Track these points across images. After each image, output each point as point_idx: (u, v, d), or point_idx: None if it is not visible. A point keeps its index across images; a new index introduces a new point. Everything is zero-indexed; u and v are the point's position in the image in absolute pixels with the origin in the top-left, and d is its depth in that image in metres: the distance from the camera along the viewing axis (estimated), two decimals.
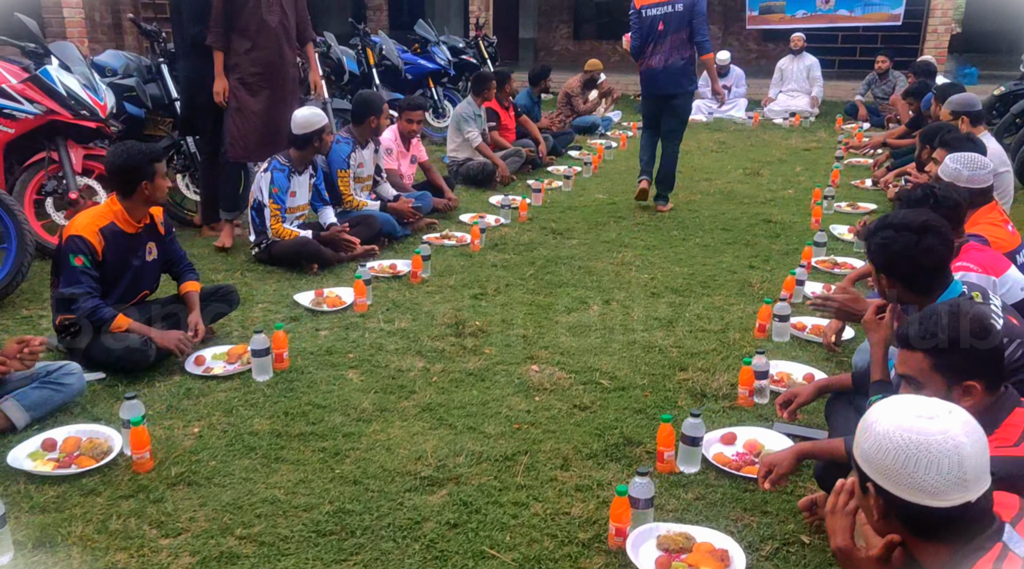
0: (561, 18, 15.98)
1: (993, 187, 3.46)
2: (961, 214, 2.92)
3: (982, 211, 3.40)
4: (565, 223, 5.84)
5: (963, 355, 1.75)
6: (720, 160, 8.43)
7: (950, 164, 3.45)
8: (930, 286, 2.28)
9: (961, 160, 3.42)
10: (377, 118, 5.04)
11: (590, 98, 10.09)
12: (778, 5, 12.32)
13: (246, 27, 4.62)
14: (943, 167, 3.48)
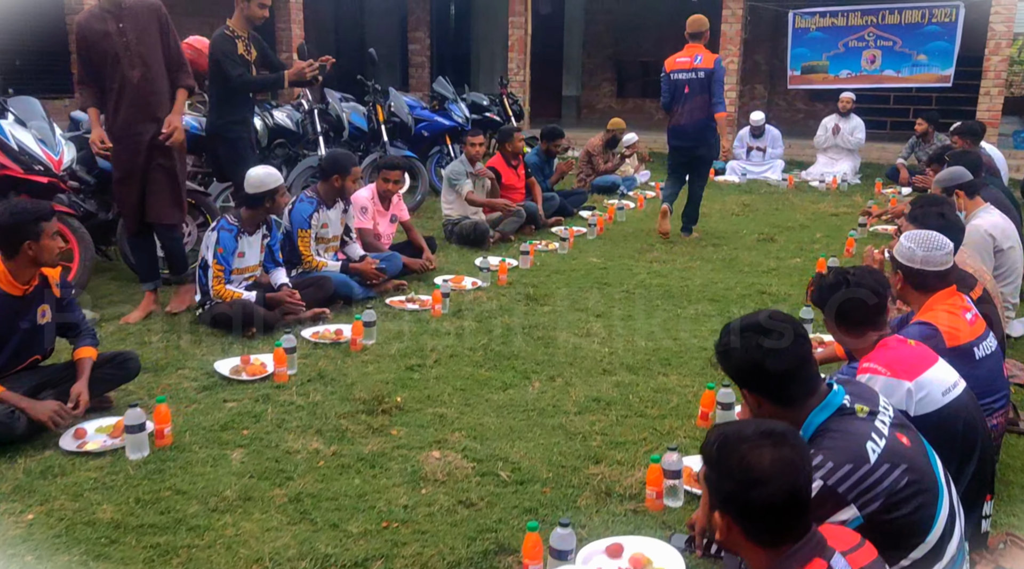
0: (604, 76, 15.94)
1: (951, 271, 3.08)
2: (880, 305, 2.58)
3: (939, 296, 3.03)
4: (545, 288, 5.59)
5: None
6: (738, 224, 8.07)
7: (904, 242, 3.10)
8: (790, 396, 1.96)
9: (916, 239, 3.06)
10: (342, 178, 4.94)
11: (615, 157, 9.88)
12: (821, 65, 11.97)
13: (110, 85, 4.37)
14: (898, 246, 3.13)
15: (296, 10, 11.24)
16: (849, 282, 2.58)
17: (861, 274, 2.62)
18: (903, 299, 3.22)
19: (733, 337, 2.03)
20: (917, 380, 2.42)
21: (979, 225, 4.59)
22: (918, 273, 3.07)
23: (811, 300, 2.73)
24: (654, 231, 7.56)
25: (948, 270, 3.06)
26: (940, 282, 3.04)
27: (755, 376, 2.00)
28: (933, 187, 4.95)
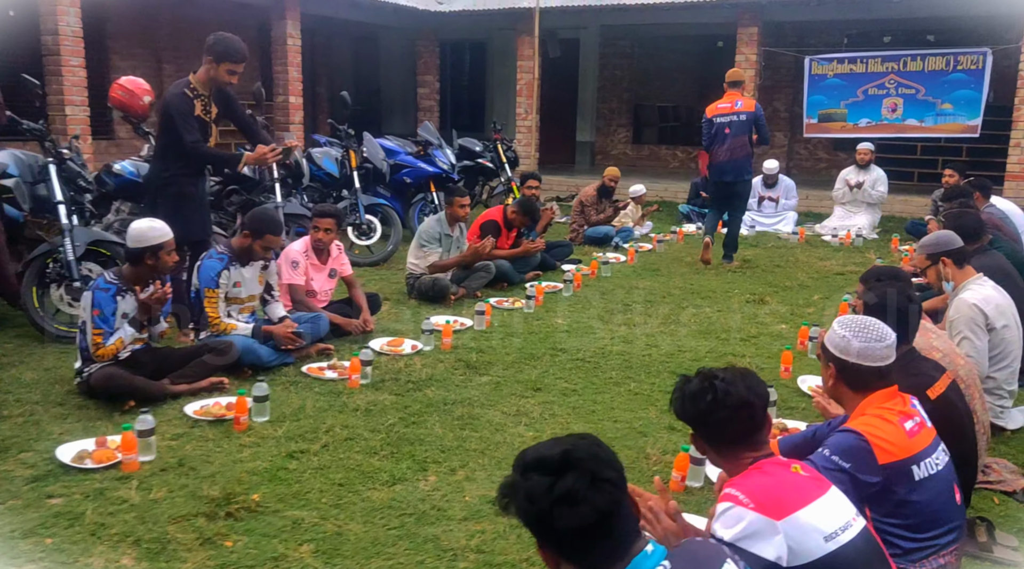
0: (620, 122, 15.53)
1: (890, 368, 2.51)
2: (754, 420, 2.04)
3: (876, 398, 2.46)
4: (491, 354, 5.07)
5: None
6: (731, 282, 7.47)
7: (838, 330, 2.54)
8: (591, 557, 1.44)
9: (852, 326, 2.51)
10: (253, 239, 4.50)
11: (609, 207, 9.36)
12: (839, 113, 11.38)
13: None
14: (829, 334, 2.57)
15: (294, 53, 11.06)
16: (716, 390, 2.04)
17: (732, 380, 2.08)
18: (835, 398, 2.64)
19: (518, 475, 1.52)
20: (788, 519, 1.85)
21: (967, 299, 3.98)
22: (853, 368, 2.51)
23: (673, 410, 2.19)
24: (636, 288, 7.05)
25: (889, 366, 2.49)
26: (879, 380, 2.47)
27: (540, 528, 1.49)
28: (916, 254, 4.35)
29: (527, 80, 13.04)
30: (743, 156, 7.83)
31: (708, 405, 2.10)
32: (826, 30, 13.55)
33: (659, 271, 7.92)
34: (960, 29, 12.55)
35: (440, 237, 6.39)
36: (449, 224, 6.48)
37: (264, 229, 4.52)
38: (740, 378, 2.14)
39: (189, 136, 4.65)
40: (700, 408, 2.11)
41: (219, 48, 4.69)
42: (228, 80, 4.74)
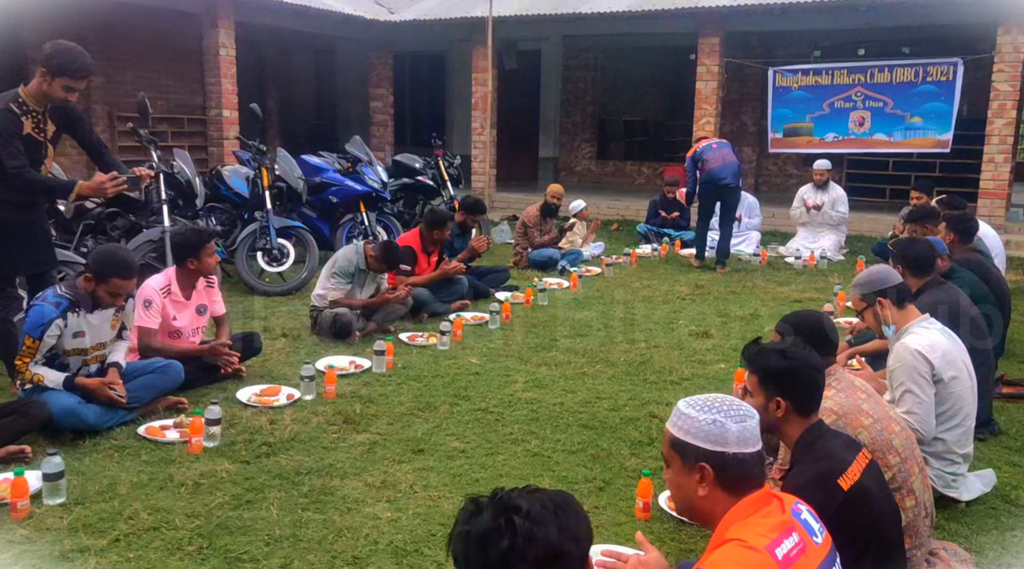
0: (584, 137, 14.94)
1: (760, 460, 1.87)
2: None
3: (745, 505, 1.82)
4: (381, 405, 4.41)
5: None
6: (677, 310, 6.84)
7: (698, 415, 1.90)
8: None
9: (711, 406, 1.89)
10: (99, 284, 3.78)
11: (554, 228, 8.72)
12: (805, 127, 10.82)
13: None
14: (683, 422, 1.93)
15: (227, 64, 10.42)
16: (516, 532, 1.41)
17: (539, 516, 1.45)
18: (701, 513, 1.97)
19: None
20: None
21: (909, 345, 3.35)
22: (736, 462, 1.88)
23: (452, 556, 1.53)
24: (570, 319, 6.41)
25: (754, 458, 1.86)
26: (756, 475, 1.85)
27: None
28: (851, 293, 3.73)
29: (483, 93, 12.44)
30: (735, 162, 8.47)
31: (502, 554, 1.44)
32: (795, 42, 13.03)
33: (601, 299, 7.27)
34: (934, 39, 12.04)
35: (354, 272, 5.70)
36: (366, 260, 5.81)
37: (108, 272, 3.78)
38: (552, 514, 1.49)
39: (11, 161, 3.95)
40: (489, 559, 1.45)
41: (55, 60, 3.98)
42: (63, 96, 4.04)
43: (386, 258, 5.66)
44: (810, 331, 2.94)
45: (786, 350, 2.55)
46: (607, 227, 11.61)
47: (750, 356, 2.67)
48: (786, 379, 2.51)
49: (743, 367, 3.07)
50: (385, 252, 5.66)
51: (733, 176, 8.41)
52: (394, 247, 5.78)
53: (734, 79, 13.21)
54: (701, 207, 8.74)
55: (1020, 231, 9.90)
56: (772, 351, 2.57)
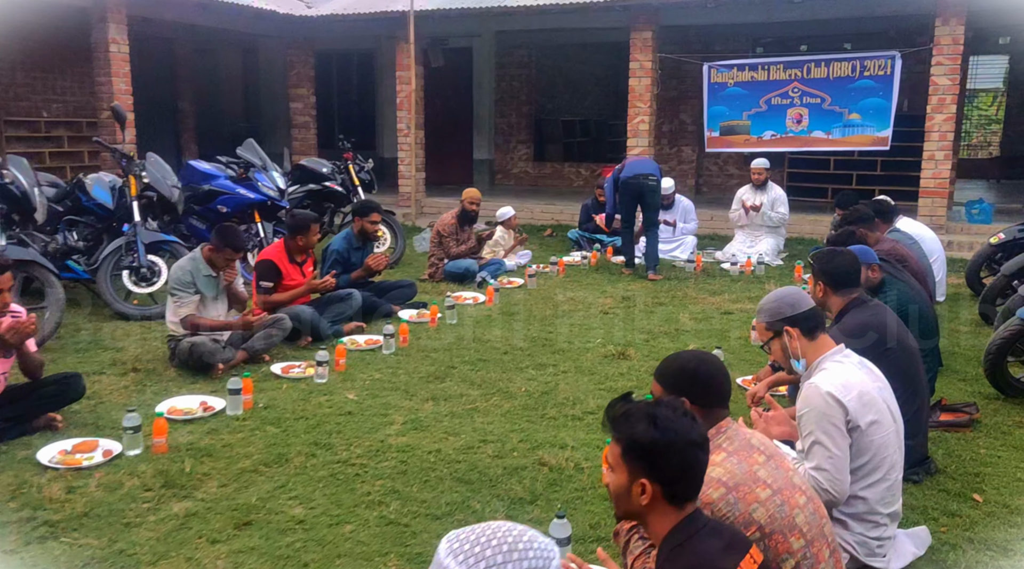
0: (520, 137, 14.32)
1: None
2: None
3: None
4: (219, 459, 3.70)
5: None
6: (598, 326, 6.23)
7: (442, 559, 1.26)
8: None
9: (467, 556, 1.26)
10: None
11: (472, 237, 8.05)
12: (742, 125, 10.33)
13: None
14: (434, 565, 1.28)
15: (119, 61, 9.56)
16: None
17: None
18: None
19: None
20: None
21: (820, 386, 2.76)
22: None
23: None
24: (476, 341, 5.75)
25: None
26: None
27: None
28: (756, 319, 3.13)
29: (407, 92, 11.74)
30: (651, 158, 8.61)
31: None
32: (733, 36, 12.57)
33: (517, 315, 6.64)
34: (875, 33, 11.68)
35: (194, 280, 4.94)
36: (212, 267, 5.05)
37: None
38: None
39: None
40: None
41: None
42: None
43: (221, 239, 4.90)
44: (690, 385, 2.34)
45: (658, 416, 1.93)
46: (540, 232, 11.01)
47: (613, 418, 2.05)
48: (655, 456, 1.90)
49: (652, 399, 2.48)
50: (219, 233, 4.93)
51: (654, 168, 8.16)
52: (229, 227, 5.06)
53: (672, 76, 12.73)
54: (622, 209, 8.30)
55: (963, 231, 9.51)
56: (641, 415, 1.96)
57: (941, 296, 6.91)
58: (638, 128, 10.72)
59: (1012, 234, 6.98)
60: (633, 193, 8.11)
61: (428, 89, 13.93)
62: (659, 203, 8.26)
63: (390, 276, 7.97)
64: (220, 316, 5.08)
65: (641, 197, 8.12)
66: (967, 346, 5.74)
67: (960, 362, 5.37)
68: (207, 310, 5.01)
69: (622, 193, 8.18)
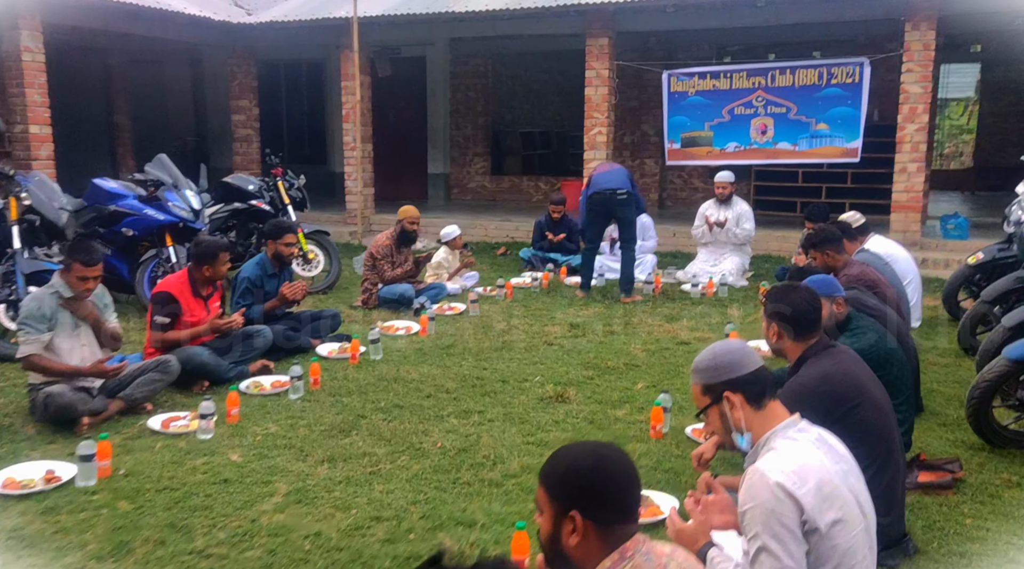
0: (476, 150, 13.68)
1: None
2: None
3: None
4: (39, 553, 2.99)
5: None
6: (539, 360, 5.59)
7: None
8: None
9: None
10: None
11: (408, 259, 7.37)
12: (704, 136, 9.77)
13: None
14: None
15: (33, 71, 8.80)
16: None
17: None
18: None
19: None
20: None
21: (767, 474, 2.12)
22: None
23: None
24: (400, 381, 5.09)
25: None
26: None
27: None
28: (692, 379, 2.49)
29: (353, 103, 11.07)
30: (620, 169, 7.59)
31: None
32: (697, 44, 12.06)
33: (452, 348, 5.97)
34: (844, 40, 11.21)
35: (52, 313, 4.21)
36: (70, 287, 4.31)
37: None
38: None
39: None
40: None
41: None
42: None
43: (68, 254, 4.23)
44: (581, 494, 1.72)
45: None
46: (493, 251, 10.37)
47: None
48: None
49: None
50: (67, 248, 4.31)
51: (622, 181, 7.40)
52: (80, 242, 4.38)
53: (632, 85, 12.19)
54: (588, 228, 7.63)
55: (938, 247, 9.00)
56: None
57: (916, 321, 6.35)
58: (595, 140, 10.14)
59: (991, 254, 6.44)
60: (600, 210, 7.45)
61: (380, 100, 13.30)
62: (632, 218, 7.50)
63: (323, 303, 7.31)
64: (87, 358, 4.35)
65: (610, 213, 7.51)
66: (947, 381, 5.17)
67: (939, 402, 4.78)
68: (70, 349, 4.29)
69: (588, 209, 7.53)
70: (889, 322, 4.34)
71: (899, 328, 4.37)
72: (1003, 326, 4.73)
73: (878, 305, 4.46)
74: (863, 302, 4.40)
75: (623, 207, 7.41)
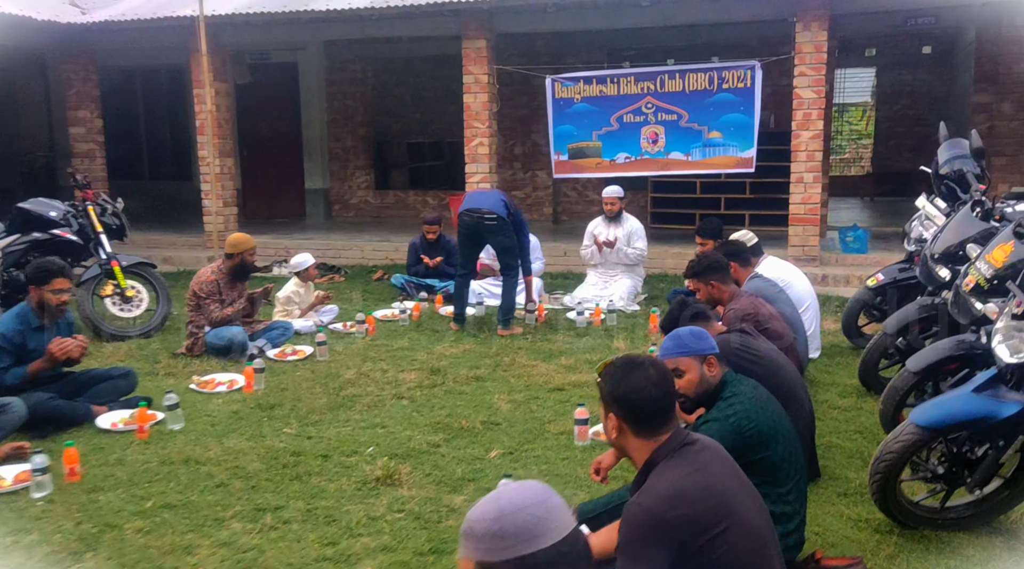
0: (358, 163, 12.60)
1: None
2: None
3: None
4: None
5: None
6: (379, 422, 4.62)
7: None
8: None
9: None
10: None
11: (242, 296, 6.29)
12: (592, 147, 9.00)
13: None
14: None
15: None
16: None
17: None
18: None
19: None
20: None
21: None
22: None
23: None
24: (191, 462, 4.03)
25: None
26: None
27: None
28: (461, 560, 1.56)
29: (207, 113, 9.89)
30: (495, 192, 7.09)
31: None
32: (587, 47, 11.33)
33: (277, 408, 4.94)
34: (737, 44, 10.66)
35: None
36: None
37: None
38: None
39: None
40: None
41: None
42: None
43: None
44: None
45: None
46: (369, 275, 9.35)
47: None
48: None
49: None
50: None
51: (492, 204, 6.68)
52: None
53: (521, 92, 11.38)
54: (459, 251, 6.97)
55: (838, 262, 8.45)
56: None
57: (815, 351, 5.67)
58: (476, 152, 9.25)
59: (891, 275, 5.82)
60: (467, 232, 6.78)
61: (249, 110, 12.13)
62: (507, 245, 6.72)
63: (143, 349, 6.17)
64: None
65: (477, 237, 6.80)
66: (847, 431, 4.44)
67: (839, 461, 4.04)
68: None
69: (458, 231, 6.85)
70: (780, 376, 3.57)
71: (791, 384, 3.60)
72: (908, 371, 4.02)
73: (768, 354, 3.69)
74: (748, 352, 3.62)
75: (493, 233, 6.71)
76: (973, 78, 10.15)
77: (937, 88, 13.81)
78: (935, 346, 4.08)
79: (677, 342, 3.08)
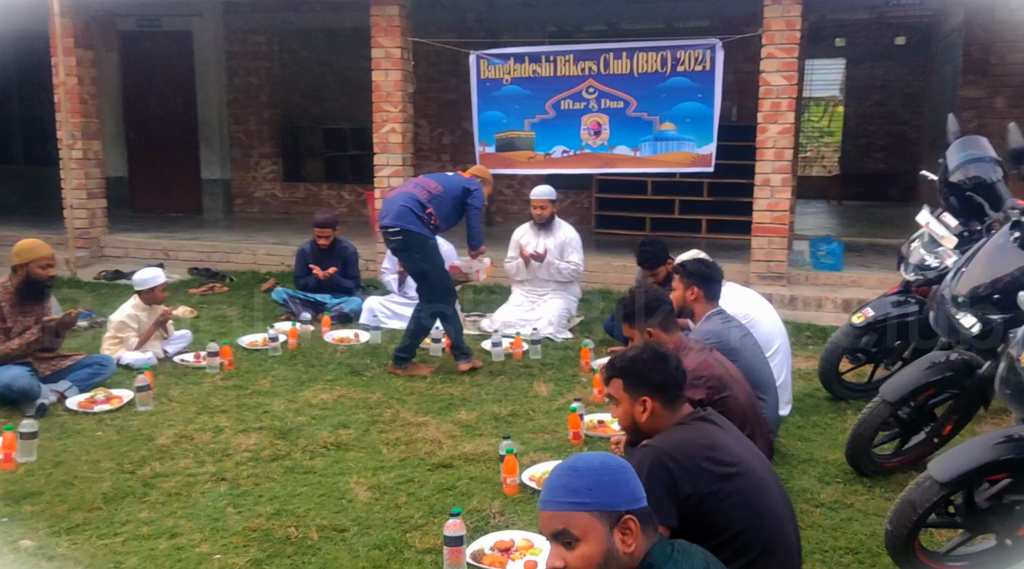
0: (263, 150, 10.99)
1: None
2: None
3: None
4: None
5: None
6: (174, 527, 3.17)
7: None
8: None
9: None
10: None
11: (71, 320, 4.77)
12: (524, 137, 7.58)
13: None
14: None
15: None
16: None
17: None
18: None
19: None
20: None
21: None
22: None
23: None
24: None
25: None
26: None
27: None
28: None
29: (69, 86, 8.27)
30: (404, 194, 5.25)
31: None
32: (526, 24, 9.91)
33: (34, 498, 3.45)
34: (698, 27, 9.34)
35: None
36: None
37: None
38: None
39: None
40: None
41: None
42: None
43: None
44: None
45: None
46: (258, 284, 7.84)
47: None
48: None
49: None
50: None
51: (397, 214, 5.14)
52: None
53: (450, 73, 9.92)
54: None
55: (808, 281, 7.16)
56: None
57: (786, 406, 4.36)
58: (387, 140, 7.78)
59: (883, 309, 4.54)
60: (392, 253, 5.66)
61: (138, 85, 10.50)
62: (417, 267, 5.27)
63: None
64: None
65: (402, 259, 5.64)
66: (835, 548, 3.10)
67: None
68: None
69: None
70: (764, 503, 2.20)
71: (779, 515, 2.22)
72: (933, 478, 2.69)
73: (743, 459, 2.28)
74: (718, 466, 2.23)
75: (399, 251, 5.33)
76: (960, 70, 8.96)
77: (912, 83, 12.71)
78: (969, 446, 2.76)
79: (570, 482, 1.71)
